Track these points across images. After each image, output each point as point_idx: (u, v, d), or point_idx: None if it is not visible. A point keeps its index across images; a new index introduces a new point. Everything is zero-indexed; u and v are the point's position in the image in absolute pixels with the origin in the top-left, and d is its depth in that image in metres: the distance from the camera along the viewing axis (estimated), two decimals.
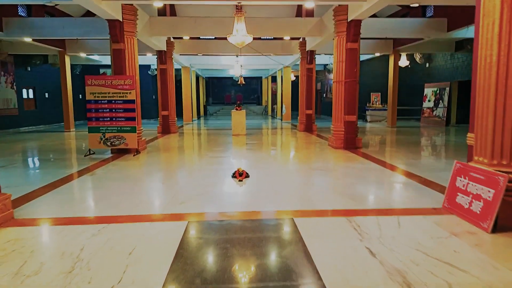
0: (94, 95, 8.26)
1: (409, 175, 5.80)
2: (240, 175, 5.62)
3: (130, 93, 8.26)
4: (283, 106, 19.39)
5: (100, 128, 8.34)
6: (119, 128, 8.33)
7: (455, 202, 3.86)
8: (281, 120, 20.28)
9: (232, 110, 12.80)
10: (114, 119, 8.33)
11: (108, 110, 8.31)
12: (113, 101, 8.29)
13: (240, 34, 7.35)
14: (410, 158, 7.52)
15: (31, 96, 16.85)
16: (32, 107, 16.89)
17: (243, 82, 13.53)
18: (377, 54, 16.00)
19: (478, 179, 3.62)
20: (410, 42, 14.00)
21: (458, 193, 3.85)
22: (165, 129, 13.53)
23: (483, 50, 3.53)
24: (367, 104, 19.41)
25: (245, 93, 35.07)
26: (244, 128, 12.69)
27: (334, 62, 9.19)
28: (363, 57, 19.05)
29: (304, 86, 13.85)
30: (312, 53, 13.44)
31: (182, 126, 17.28)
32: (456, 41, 14.99)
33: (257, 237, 3.27)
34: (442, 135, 12.52)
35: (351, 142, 8.83)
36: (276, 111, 24.35)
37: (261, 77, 30.99)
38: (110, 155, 8.41)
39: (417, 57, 17.25)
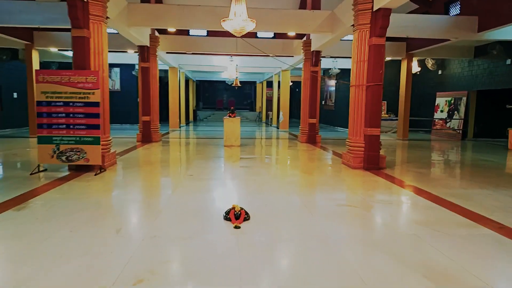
0: (46, 95, 6.36)
1: (482, 219, 4.03)
2: (237, 217, 3.78)
3: (93, 93, 6.38)
4: (280, 113, 17.62)
5: (53, 138, 6.43)
6: (77, 138, 6.43)
7: None
8: (278, 128, 18.49)
9: (225, 117, 10.97)
10: (71, 126, 6.43)
11: (64, 115, 6.41)
12: (70, 104, 6.39)
13: (239, 18, 5.54)
14: (460, 186, 5.80)
15: None
16: None
17: (239, 84, 11.73)
18: (388, 59, 14.36)
19: None
20: (426, 45, 12.40)
21: None
22: (146, 137, 11.62)
23: None
24: None
25: (238, 98, 33.28)
26: (238, 138, 10.85)
27: (353, 62, 7.45)
28: None
29: (307, 92, 12.09)
30: (318, 54, 11.71)
31: (167, 133, 15.36)
32: (476, 46, 13.48)
33: None
34: (469, 151, 10.85)
35: (374, 161, 7.06)
36: (272, 118, 22.59)
37: (255, 82, 29.26)
38: (67, 172, 6.50)
39: (429, 63, 15.69)
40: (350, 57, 15.81)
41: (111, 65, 19.33)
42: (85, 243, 3.23)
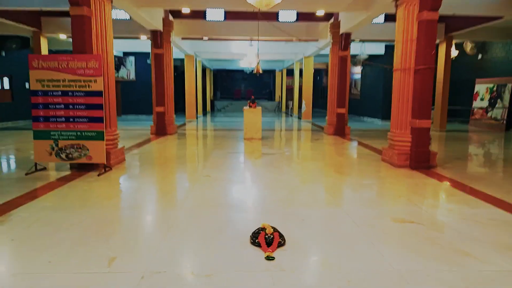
0: (42, 83, 5.52)
1: None
2: (268, 243, 2.82)
3: (95, 81, 5.49)
4: (303, 102, 16.51)
5: (51, 133, 5.60)
6: (78, 133, 5.58)
7: None
8: (300, 118, 17.39)
9: (244, 107, 9.99)
10: (71, 119, 5.58)
11: (62, 106, 5.56)
12: (70, 93, 5.53)
13: None
14: None
15: (6, 86, 14.21)
16: (8, 99, 14.26)
17: (260, 71, 10.66)
18: None
19: None
20: (467, 26, 11.04)
21: None
22: (160, 130, 10.77)
23: None
24: None
25: (257, 87, 32.21)
26: (260, 131, 9.87)
27: (397, 43, 6.31)
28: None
29: (335, 79, 10.95)
30: (347, 37, 10.52)
31: (183, 124, 14.52)
32: None
33: None
34: None
35: (423, 159, 5.97)
36: (292, 108, 21.49)
37: (274, 70, 28.05)
38: (68, 172, 5.69)
39: (468, 47, 14.23)
40: (380, 41, 14.65)
41: (126, 54, 18.60)
42: (62, 282, 2.34)
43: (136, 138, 9.80)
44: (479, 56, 14.37)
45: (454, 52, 13.67)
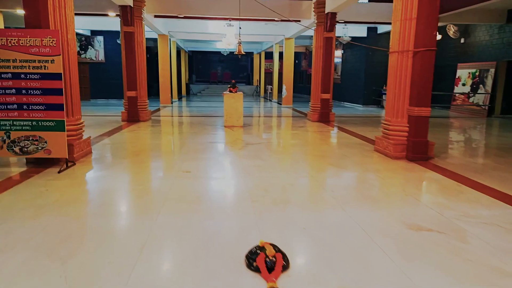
0: None
1: None
2: (270, 268, 2.24)
3: (52, 61, 4.67)
4: (283, 87, 15.91)
5: (1, 123, 4.77)
6: (34, 123, 4.78)
7: None
8: (280, 104, 16.81)
9: (224, 92, 9.29)
10: (25, 107, 4.76)
11: (14, 91, 4.73)
12: (22, 76, 4.69)
13: None
14: None
15: None
16: None
17: (242, 52, 9.94)
18: None
19: None
20: (453, 8, 10.67)
21: None
22: (132, 116, 9.93)
23: None
24: (384, 88, 16.11)
25: (234, 70, 31.30)
26: (241, 117, 9.23)
27: (394, 22, 5.78)
28: (380, 28, 15.66)
29: (320, 63, 10.40)
30: (333, 17, 9.92)
31: (158, 110, 13.64)
32: (509, 9, 11.76)
33: None
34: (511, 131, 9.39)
35: (421, 150, 5.53)
36: (271, 93, 20.87)
37: (252, 53, 27.19)
38: (24, 167, 4.90)
39: (451, 31, 13.96)
40: (365, 23, 14.13)
41: (94, 33, 17.30)
42: None
43: (106, 126, 8.95)
44: (462, 40, 14.15)
45: (437, 36, 13.38)
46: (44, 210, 3.39)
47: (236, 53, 10.10)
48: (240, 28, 10.23)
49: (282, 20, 11.93)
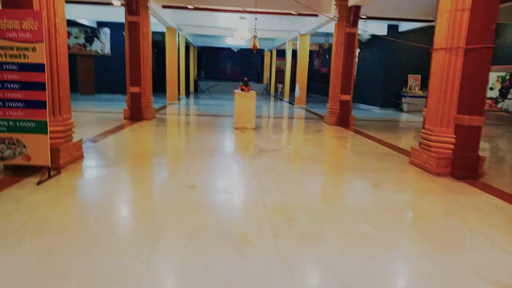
0: None
1: None
2: None
3: (33, 49, 3.87)
4: (297, 86, 15.03)
5: None
6: (11, 123, 4.00)
7: None
8: (292, 104, 15.92)
9: (236, 91, 8.46)
10: (0, 104, 3.98)
11: None
12: None
13: None
14: None
15: None
16: None
17: (258, 47, 9.10)
18: (422, 25, 11.63)
19: None
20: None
21: None
22: (135, 114, 9.13)
23: None
24: (403, 89, 15.14)
25: (243, 68, 30.47)
26: (253, 119, 8.39)
27: (440, 13, 4.88)
28: (402, 26, 14.70)
29: (340, 61, 9.51)
30: (357, 11, 9.03)
31: (164, 107, 12.86)
32: None
33: None
34: None
35: (470, 167, 4.65)
36: (282, 92, 19.97)
37: (262, 50, 26.29)
38: (1, 175, 4.12)
39: None
40: (389, 19, 13.16)
41: (101, 24, 16.56)
42: None
43: (106, 124, 8.17)
44: None
45: None
46: (13, 239, 2.59)
47: (251, 47, 9.24)
48: (256, 19, 9.34)
49: (299, 14, 11.04)
